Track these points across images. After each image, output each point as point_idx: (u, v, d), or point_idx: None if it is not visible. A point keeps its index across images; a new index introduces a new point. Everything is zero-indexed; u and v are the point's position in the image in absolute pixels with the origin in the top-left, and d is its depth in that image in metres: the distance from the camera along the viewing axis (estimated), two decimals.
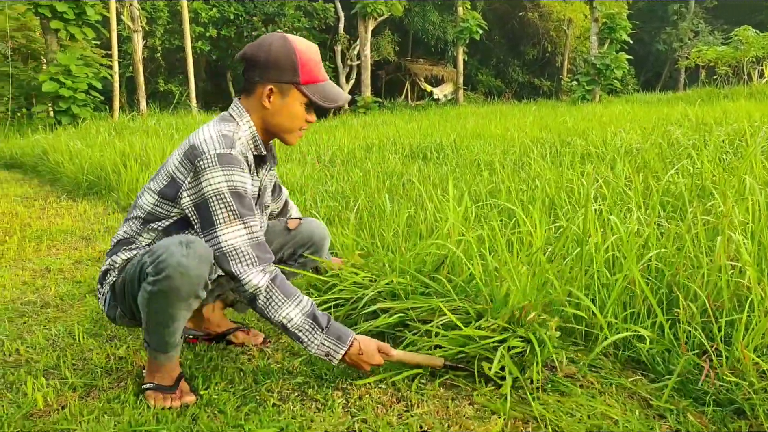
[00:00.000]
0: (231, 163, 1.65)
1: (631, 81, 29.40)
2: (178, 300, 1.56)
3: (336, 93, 1.80)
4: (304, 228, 2.07)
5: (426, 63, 28.63)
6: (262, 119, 1.78)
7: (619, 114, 10.24)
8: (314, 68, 1.76)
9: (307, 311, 1.67)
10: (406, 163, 6.01)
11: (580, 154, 5.12)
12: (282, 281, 1.68)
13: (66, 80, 13.09)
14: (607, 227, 2.14)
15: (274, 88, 1.74)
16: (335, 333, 1.68)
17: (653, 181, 3.28)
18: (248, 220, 1.67)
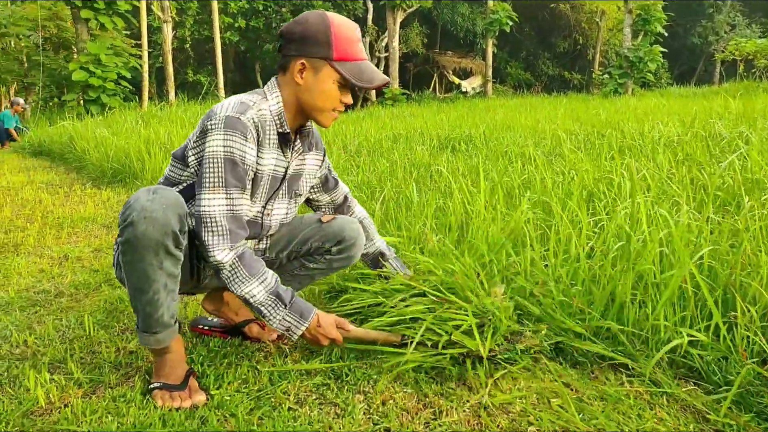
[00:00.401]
0: (235, 128, 1.60)
1: (665, 75, 28.76)
2: (146, 250, 1.46)
3: (372, 73, 1.68)
4: (335, 223, 1.93)
5: (454, 55, 28.34)
6: (294, 96, 1.71)
7: (654, 107, 9.93)
8: (350, 45, 1.66)
9: (270, 288, 1.63)
10: (433, 154, 5.85)
11: (616, 146, 4.90)
12: (249, 258, 1.63)
13: (96, 69, 13.16)
14: (655, 222, 1.96)
15: (307, 63, 1.66)
16: (297, 309, 1.65)
17: (698, 173, 3.08)
18: (233, 191, 1.62)
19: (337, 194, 2.09)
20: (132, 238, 1.46)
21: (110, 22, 13.75)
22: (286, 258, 1.94)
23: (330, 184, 2.05)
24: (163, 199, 1.48)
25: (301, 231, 1.94)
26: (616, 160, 3.16)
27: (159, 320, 1.56)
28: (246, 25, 23.44)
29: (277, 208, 1.84)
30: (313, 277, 1.97)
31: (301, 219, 1.98)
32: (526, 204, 2.44)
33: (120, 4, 13.77)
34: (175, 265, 1.53)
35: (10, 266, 3.00)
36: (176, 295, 1.59)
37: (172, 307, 1.58)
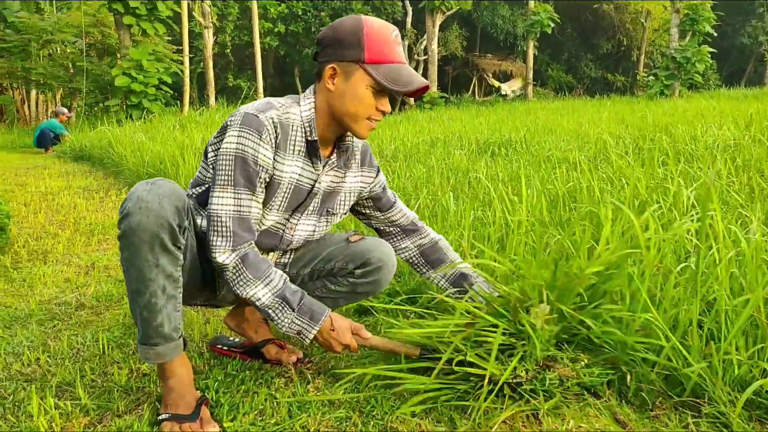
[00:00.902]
0: (250, 126, 1.52)
1: (713, 76, 27.88)
2: (141, 244, 1.36)
3: (409, 76, 1.54)
4: (363, 243, 1.76)
5: (494, 58, 27.98)
6: (327, 104, 1.60)
7: (704, 109, 9.52)
8: (385, 47, 1.53)
9: (277, 291, 1.54)
10: (472, 158, 5.66)
11: (665, 151, 4.63)
12: (253, 260, 1.53)
13: (137, 75, 13.33)
14: (723, 238, 1.75)
15: (338, 67, 1.55)
16: (307, 312, 1.55)
17: (761, 180, 2.83)
18: (241, 191, 1.53)
19: (395, 214, 1.89)
20: (128, 230, 1.36)
21: (152, 28, 13.92)
22: (308, 276, 1.79)
23: (384, 204, 1.87)
24: (160, 190, 1.39)
25: (327, 248, 1.79)
26: (671, 166, 2.93)
27: (158, 330, 1.43)
28: (285, 30, 23.56)
29: (303, 224, 1.71)
30: (337, 301, 1.80)
31: (331, 236, 1.83)
32: (575, 216, 2.24)
33: (161, 10, 13.92)
34: (173, 264, 1.42)
35: (36, 275, 2.93)
36: (179, 305, 1.46)
37: (175, 318, 1.45)
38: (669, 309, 1.55)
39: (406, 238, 1.91)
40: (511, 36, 26.18)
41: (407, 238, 1.91)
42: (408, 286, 2.35)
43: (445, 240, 1.94)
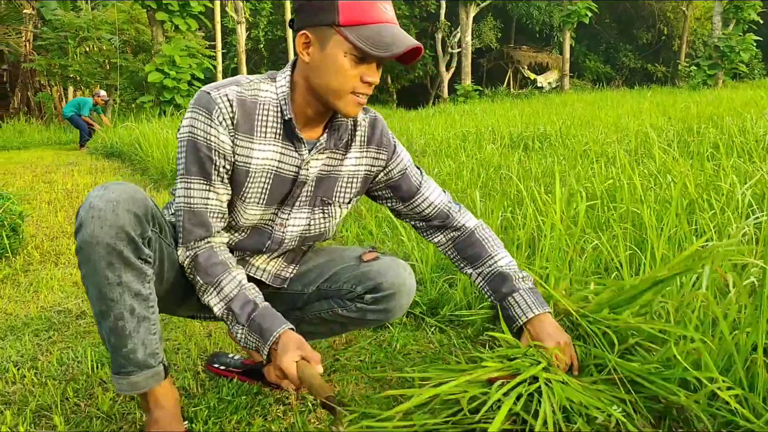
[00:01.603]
0: (200, 104, 1.31)
1: (758, 65, 26.81)
2: (98, 259, 1.18)
3: (393, 36, 1.27)
4: (375, 265, 1.48)
5: (530, 50, 27.45)
6: (305, 79, 1.34)
7: (750, 99, 9.06)
8: (363, 6, 1.27)
9: (226, 299, 1.35)
10: (504, 153, 5.41)
11: (713, 143, 4.32)
12: (204, 263, 1.35)
13: (170, 71, 13.35)
14: None
15: (311, 34, 1.29)
16: (257, 329, 1.32)
17: None
18: (193, 180, 1.33)
19: (421, 204, 1.56)
20: (82, 244, 1.19)
21: (184, 23, 13.93)
22: (315, 295, 1.55)
23: (406, 192, 1.55)
24: (113, 194, 1.20)
25: (335, 267, 1.53)
26: (721, 160, 2.66)
27: (130, 357, 1.24)
28: None
29: (293, 218, 1.45)
30: (345, 326, 1.56)
31: (343, 252, 1.57)
32: (612, 217, 2.01)
33: (194, 6, 13.92)
34: (139, 280, 1.23)
35: (44, 278, 2.82)
36: (154, 326, 1.27)
37: (150, 342, 1.26)
38: (726, 335, 1.31)
39: (438, 232, 1.60)
40: (547, 27, 25.63)
41: (439, 232, 1.60)
42: (428, 296, 2.15)
43: (484, 226, 1.62)
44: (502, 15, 25.99)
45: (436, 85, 24.28)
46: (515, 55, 27.03)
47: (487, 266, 1.56)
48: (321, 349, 1.88)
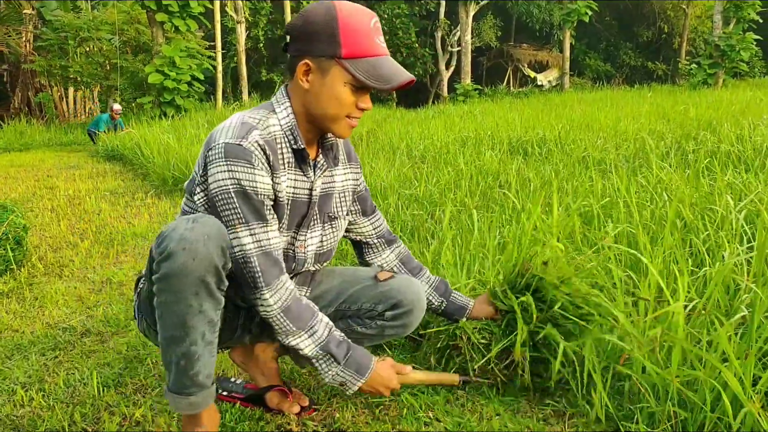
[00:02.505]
0: (237, 157, 1.36)
1: (759, 63, 26.80)
2: (186, 289, 1.25)
3: (391, 70, 1.38)
4: (393, 282, 1.63)
5: (530, 48, 27.47)
6: (303, 104, 1.45)
7: (749, 101, 9.09)
8: (363, 39, 1.37)
9: (321, 342, 1.45)
10: (504, 159, 5.43)
11: (710, 152, 4.36)
12: (296, 309, 1.44)
13: (170, 72, 13.38)
14: None
15: (311, 63, 1.39)
16: (354, 365, 1.48)
17: None
18: (254, 225, 1.39)
19: (379, 221, 1.77)
20: (170, 273, 1.25)
21: (184, 24, 13.94)
22: (332, 316, 1.64)
23: (369, 206, 1.74)
24: (205, 228, 1.27)
25: (352, 287, 1.64)
26: (718, 178, 2.70)
27: (194, 379, 1.32)
28: None
29: (310, 238, 1.57)
30: (362, 341, 1.65)
31: (355, 272, 1.69)
32: (608, 239, 2.05)
33: (193, 7, 13.93)
34: (215, 309, 1.31)
35: (48, 292, 2.86)
36: (215, 350, 1.36)
37: (210, 364, 1.35)
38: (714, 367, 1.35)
39: (388, 248, 1.79)
40: (547, 25, 25.64)
41: (388, 248, 1.79)
42: None
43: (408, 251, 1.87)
44: (502, 13, 26.00)
45: (436, 84, 24.29)
46: (515, 53, 27.03)
47: (425, 276, 1.81)
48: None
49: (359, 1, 9.43)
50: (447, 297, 1.81)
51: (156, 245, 1.29)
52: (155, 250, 1.28)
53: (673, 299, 1.69)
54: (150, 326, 1.48)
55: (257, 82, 24.65)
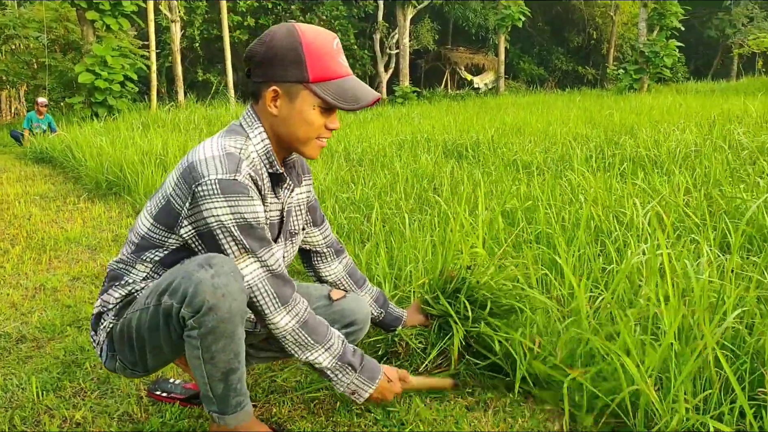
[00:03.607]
0: (236, 192, 1.36)
1: (681, 68, 28.19)
2: (236, 326, 1.34)
3: (359, 91, 1.43)
4: (347, 304, 1.72)
5: (466, 51, 27.98)
6: (271, 129, 1.47)
7: (670, 106, 9.62)
8: (328, 61, 1.41)
9: (338, 353, 1.51)
10: (439, 162, 5.61)
11: (629, 156, 4.64)
12: (312, 324, 1.48)
13: (102, 71, 13.01)
14: (670, 274, 1.73)
15: (279, 89, 1.41)
16: (368, 372, 1.54)
17: (718, 198, 2.83)
18: (261, 252, 1.41)
19: (328, 230, 1.82)
20: (219, 323, 1.30)
21: (116, 23, 13.59)
22: None
23: (319, 217, 1.78)
24: (224, 266, 1.32)
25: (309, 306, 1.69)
26: (628, 184, 2.91)
27: (244, 391, 1.45)
28: (255, 24, 23.25)
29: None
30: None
31: (308, 290, 1.74)
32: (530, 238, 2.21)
33: (126, 5, 13.60)
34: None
35: None
36: None
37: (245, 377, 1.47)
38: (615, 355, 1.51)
39: (336, 259, 1.85)
40: (483, 29, 26.19)
41: (337, 259, 1.85)
42: None
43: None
44: (439, 17, 26.42)
45: (375, 86, 24.46)
46: (452, 56, 27.50)
47: (368, 287, 1.89)
48: (259, 371, 2.00)
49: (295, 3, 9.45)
50: (386, 308, 1.91)
51: (182, 302, 1.30)
52: (185, 310, 1.30)
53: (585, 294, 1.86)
54: (125, 366, 1.49)
55: (193, 82, 24.21)
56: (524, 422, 1.65)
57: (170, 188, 1.44)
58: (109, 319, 1.48)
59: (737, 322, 1.59)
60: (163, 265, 1.47)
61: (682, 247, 2.08)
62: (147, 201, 1.55)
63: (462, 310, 1.89)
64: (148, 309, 1.37)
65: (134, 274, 1.49)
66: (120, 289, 1.49)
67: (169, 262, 1.46)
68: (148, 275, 1.48)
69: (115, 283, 1.51)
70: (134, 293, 1.48)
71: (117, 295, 1.48)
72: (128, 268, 1.50)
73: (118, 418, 1.70)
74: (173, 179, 1.44)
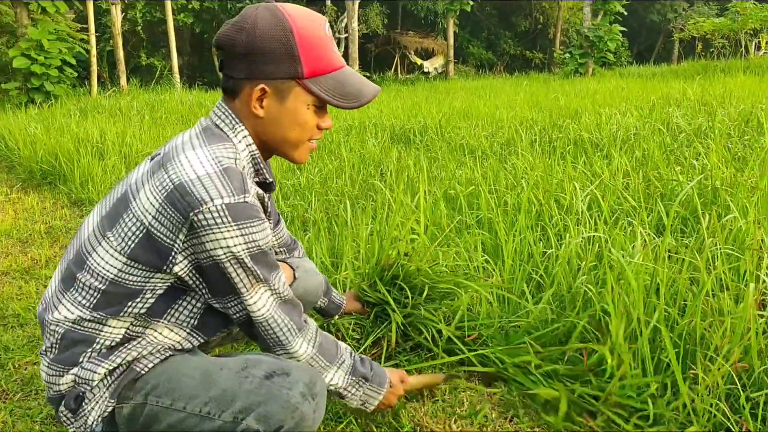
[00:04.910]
0: (250, 217, 1.16)
1: (624, 53, 28.80)
2: None
3: (358, 85, 1.24)
4: (298, 286, 1.60)
5: (416, 35, 27.94)
6: (254, 131, 1.26)
7: (613, 90, 9.80)
8: (323, 51, 1.21)
9: (351, 369, 1.40)
10: (386, 148, 5.58)
11: (572, 140, 4.70)
12: (324, 344, 1.36)
13: (38, 56, 12.47)
14: (607, 260, 1.74)
15: (268, 87, 1.20)
16: (377, 379, 1.44)
17: (655, 180, 2.88)
18: (271, 280, 1.24)
19: (283, 230, 1.71)
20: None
21: (52, 6, 13.02)
22: None
23: (276, 215, 1.62)
24: (323, 396, 1.23)
25: None
26: (568, 167, 2.94)
27: None
28: (201, 6, 22.67)
29: None
30: None
31: None
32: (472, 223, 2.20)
33: None
34: None
35: None
36: None
37: None
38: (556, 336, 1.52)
39: (289, 258, 1.75)
40: (432, 13, 26.19)
41: (290, 255, 1.77)
42: None
43: None
44: (388, 1, 26.27)
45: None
46: (402, 40, 27.43)
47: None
48: None
49: None
50: (329, 296, 1.83)
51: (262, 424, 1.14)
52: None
53: (523, 279, 1.86)
54: None
55: (137, 66, 23.46)
56: (462, 411, 1.64)
57: (149, 216, 1.17)
58: (104, 402, 1.21)
59: (670, 304, 1.61)
60: (150, 317, 1.24)
61: (620, 230, 2.10)
62: (97, 222, 1.26)
63: (401, 298, 1.88)
64: (209, 419, 1.16)
65: (108, 333, 1.23)
66: (102, 360, 1.22)
67: (158, 313, 1.25)
68: (129, 333, 1.24)
69: (84, 350, 1.22)
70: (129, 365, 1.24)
71: (102, 370, 1.21)
72: (96, 326, 1.22)
73: (41, 421, 1.62)
74: (151, 204, 1.17)
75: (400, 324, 1.85)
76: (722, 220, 2.03)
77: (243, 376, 1.18)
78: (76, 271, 1.23)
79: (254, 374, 1.17)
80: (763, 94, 6.56)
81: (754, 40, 17.46)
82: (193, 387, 1.18)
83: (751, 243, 1.78)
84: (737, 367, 1.42)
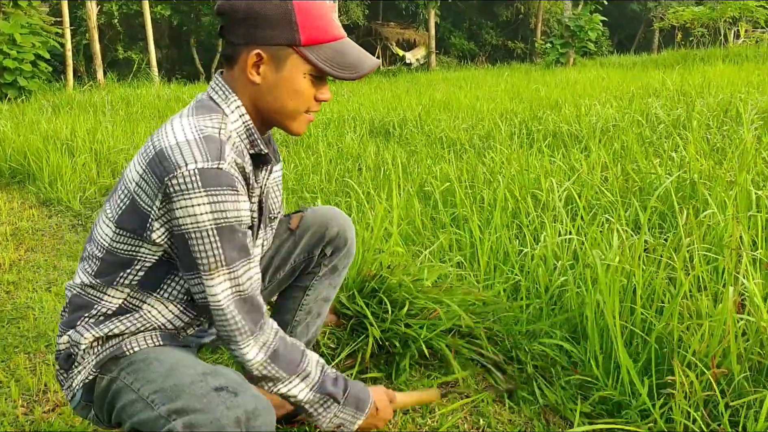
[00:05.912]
0: (220, 185, 1.12)
1: (605, 42, 28.88)
2: None
3: (356, 56, 1.22)
4: (313, 221, 1.51)
5: (397, 26, 27.78)
6: (251, 101, 1.24)
7: (593, 80, 9.78)
8: (322, 20, 1.19)
9: (316, 384, 1.28)
10: (364, 141, 5.50)
11: (552, 132, 4.65)
12: (282, 352, 1.24)
13: (10, 51, 12.25)
14: (584, 259, 1.68)
15: (264, 53, 1.18)
16: (353, 402, 1.32)
17: (633, 174, 2.83)
18: (236, 266, 1.17)
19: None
20: None
21: None
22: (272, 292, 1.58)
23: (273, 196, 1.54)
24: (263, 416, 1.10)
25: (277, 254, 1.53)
26: (545, 161, 2.88)
27: None
28: None
29: (257, 247, 1.38)
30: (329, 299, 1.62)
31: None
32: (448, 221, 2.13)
33: None
34: None
35: None
36: None
37: None
38: None
39: None
40: (413, 4, 26.04)
41: None
42: None
43: None
44: None
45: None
46: (383, 31, 27.28)
47: None
48: None
49: None
50: None
51: None
52: None
53: (500, 278, 1.80)
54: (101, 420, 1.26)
55: (114, 60, 23.10)
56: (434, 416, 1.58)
57: (133, 183, 1.19)
58: (88, 369, 1.23)
59: (647, 305, 1.55)
60: (144, 289, 1.24)
61: (597, 227, 2.05)
62: (105, 202, 1.29)
63: (379, 312, 1.80)
64: (150, 407, 1.12)
65: (106, 302, 1.24)
66: (92, 327, 1.23)
67: (150, 285, 1.24)
68: (125, 305, 1.25)
69: (82, 314, 1.25)
70: (117, 335, 1.23)
71: (89, 336, 1.22)
72: (96, 294, 1.25)
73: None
74: (136, 171, 1.19)
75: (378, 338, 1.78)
76: (700, 216, 1.98)
77: (199, 380, 1.12)
78: (87, 243, 1.30)
79: (209, 382, 1.11)
80: (742, 83, 6.56)
81: (733, 29, 17.54)
82: (157, 374, 1.17)
83: (730, 241, 1.73)
84: (716, 373, 1.37)
